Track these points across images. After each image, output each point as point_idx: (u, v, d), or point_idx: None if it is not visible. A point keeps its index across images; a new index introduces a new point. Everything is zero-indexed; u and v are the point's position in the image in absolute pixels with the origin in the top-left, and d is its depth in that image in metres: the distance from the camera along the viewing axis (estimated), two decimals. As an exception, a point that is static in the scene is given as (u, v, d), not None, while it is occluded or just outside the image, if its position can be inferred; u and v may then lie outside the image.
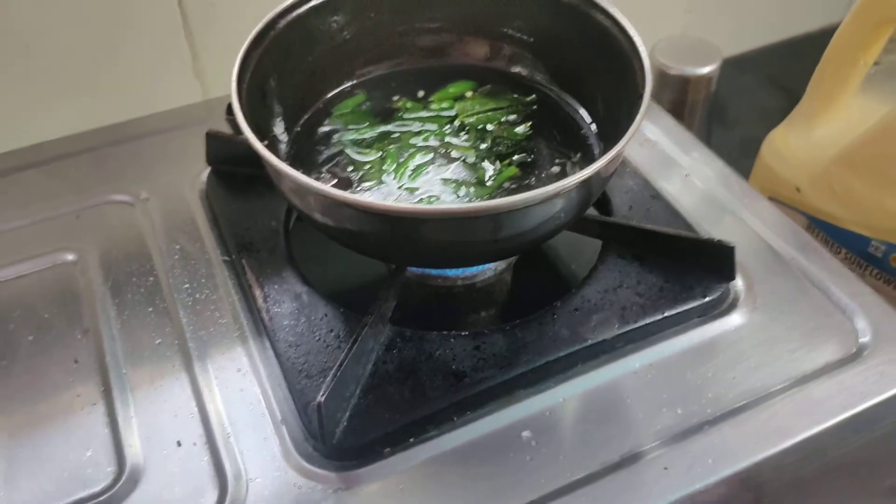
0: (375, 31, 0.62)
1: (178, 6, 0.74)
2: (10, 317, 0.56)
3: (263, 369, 0.52)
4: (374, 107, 0.62)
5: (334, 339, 0.52)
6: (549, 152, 0.59)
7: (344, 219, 0.47)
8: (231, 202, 0.63)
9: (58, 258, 0.60)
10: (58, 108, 0.74)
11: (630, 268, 0.55)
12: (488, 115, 0.62)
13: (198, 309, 0.56)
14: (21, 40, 0.69)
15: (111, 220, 0.63)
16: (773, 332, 0.53)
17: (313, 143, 0.59)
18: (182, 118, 0.74)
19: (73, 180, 0.67)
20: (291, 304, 0.54)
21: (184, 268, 0.59)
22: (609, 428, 0.48)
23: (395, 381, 0.49)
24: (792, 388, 0.50)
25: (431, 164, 0.57)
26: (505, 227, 0.46)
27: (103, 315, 0.56)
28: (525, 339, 0.51)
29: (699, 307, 0.53)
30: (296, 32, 0.57)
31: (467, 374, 0.49)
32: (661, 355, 0.52)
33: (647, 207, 0.60)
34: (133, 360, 0.53)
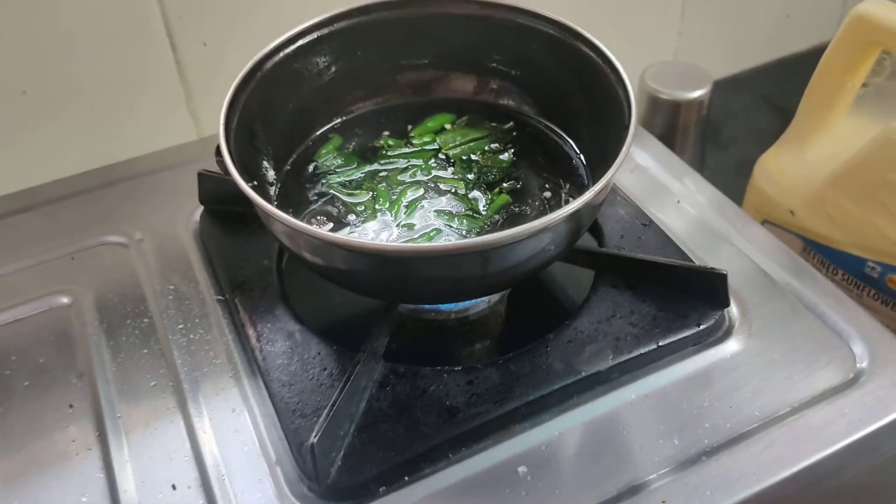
0: (362, 69, 0.62)
1: (171, 47, 0.75)
2: (6, 362, 0.56)
3: (257, 409, 0.52)
4: (357, 147, 0.62)
5: (327, 377, 0.52)
6: (537, 179, 0.59)
7: (334, 259, 0.47)
8: (224, 241, 0.63)
9: (53, 301, 0.61)
10: (52, 150, 0.74)
11: (623, 297, 0.55)
12: (470, 145, 0.62)
13: (192, 349, 0.56)
14: (18, 87, 0.70)
15: (106, 262, 0.64)
16: (769, 358, 0.53)
17: (303, 181, 0.60)
18: (176, 157, 0.74)
19: (67, 222, 0.67)
20: (284, 342, 0.54)
21: (178, 308, 0.59)
22: (606, 460, 0.48)
23: (388, 418, 0.49)
24: (790, 415, 0.50)
25: (423, 198, 0.57)
26: (495, 262, 0.46)
27: (98, 358, 0.56)
28: (518, 372, 0.51)
29: (694, 335, 0.53)
30: (283, 73, 0.58)
31: (461, 409, 0.49)
32: (656, 385, 0.52)
33: (639, 236, 0.60)
34: (128, 404, 0.53)
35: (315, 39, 0.59)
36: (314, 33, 0.59)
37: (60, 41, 0.70)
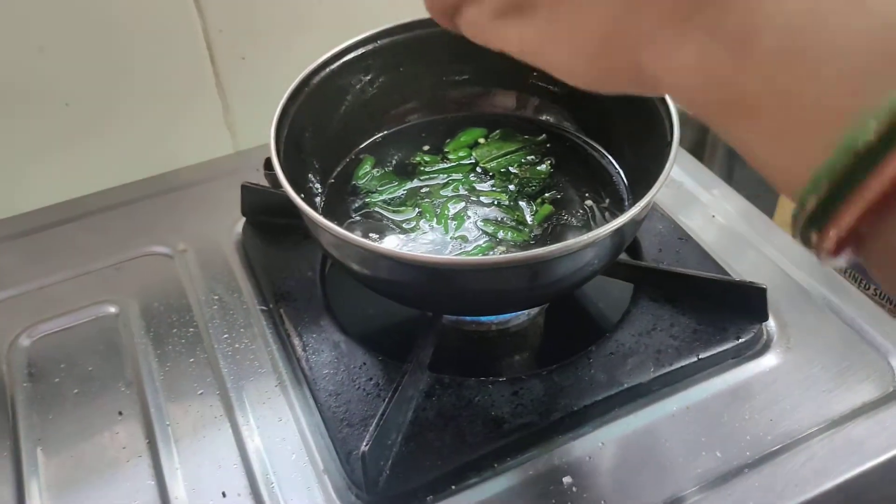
0: (405, 85, 0.64)
1: (210, 60, 0.77)
2: (56, 370, 0.58)
3: (304, 418, 0.53)
4: (394, 163, 0.63)
5: (374, 387, 0.53)
6: (577, 190, 0.60)
7: (384, 271, 0.48)
8: (267, 252, 0.64)
9: (100, 311, 0.62)
10: (95, 162, 0.76)
11: (663, 310, 0.56)
12: (507, 157, 0.63)
13: (238, 359, 0.58)
14: (61, 99, 0.72)
15: (151, 272, 0.65)
16: (807, 372, 0.53)
17: (347, 194, 0.61)
18: (215, 170, 0.76)
19: (112, 233, 0.69)
20: (330, 352, 0.55)
21: (223, 318, 0.61)
22: (649, 472, 0.48)
23: (435, 428, 0.50)
24: (829, 429, 0.50)
25: (467, 211, 0.58)
26: (541, 275, 0.47)
27: (146, 366, 0.58)
28: (562, 384, 0.52)
29: (733, 348, 0.54)
30: (329, 88, 0.59)
31: (506, 420, 0.50)
32: (697, 398, 0.52)
33: (676, 250, 0.61)
34: (176, 411, 0.54)
35: (360, 55, 0.60)
36: (359, 49, 0.60)
37: (102, 54, 0.72)
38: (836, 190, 0.21)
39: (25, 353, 0.59)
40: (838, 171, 0.21)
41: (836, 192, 0.21)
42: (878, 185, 0.20)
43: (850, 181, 0.21)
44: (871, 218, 0.21)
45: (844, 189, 0.21)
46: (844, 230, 0.22)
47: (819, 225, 0.22)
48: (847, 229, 0.21)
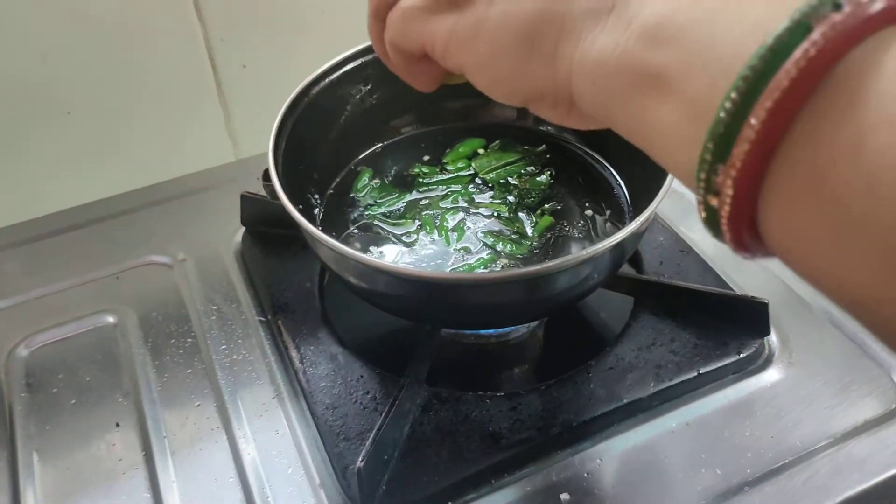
0: (404, 95, 0.62)
1: (212, 68, 0.77)
2: (53, 380, 0.57)
3: (301, 431, 0.53)
4: (392, 176, 0.63)
5: (371, 400, 0.52)
6: (578, 200, 0.60)
7: (383, 285, 0.48)
8: (266, 262, 0.64)
9: (98, 320, 0.62)
10: (96, 170, 0.76)
11: (663, 324, 0.55)
12: (506, 168, 0.63)
13: (235, 370, 0.57)
14: (62, 108, 0.72)
15: (150, 282, 0.65)
16: (810, 388, 0.53)
17: (346, 205, 0.60)
18: (215, 178, 0.76)
19: (112, 242, 0.68)
20: (328, 365, 0.55)
21: (221, 329, 0.60)
22: (648, 489, 0.48)
23: (432, 443, 0.49)
24: (832, 446, 0.50)
25: (467, 223, 0.58)
26: (541, 289, 0.47)
27: (143, 377, 0.57)
28: (561, 398, 0.51)
29: (734, 363, 0.53)
30: (328, 98, 0.59)
31: (504, 435, 0.49)
32: (697, 413, 0.52)
33: (677, 262, 0.60)
34: (173, 423, 0.54)
35: (359, 65, 0.60)
36: (359, 60, 0.60)
37: (104, 62, 0.72)
38: (726, 137, 0.22)
39: (23, 363, 0.59)
40: (717, 132, 0.22)
41: (726, 140, 0.22)
42: (778, 87, 0.21)
43: (735, 125, 0.22)
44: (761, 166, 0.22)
45: (732, 135, 0.22)
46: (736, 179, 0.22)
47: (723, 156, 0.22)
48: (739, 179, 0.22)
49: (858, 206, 0.20)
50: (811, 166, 0.21)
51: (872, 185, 0.19)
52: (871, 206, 0.20)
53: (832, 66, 0.21)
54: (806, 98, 0.21)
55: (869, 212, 0.20)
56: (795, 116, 0.21)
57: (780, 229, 0.23)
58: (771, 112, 0.21)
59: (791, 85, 0.21)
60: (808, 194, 0.21)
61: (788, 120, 0.21)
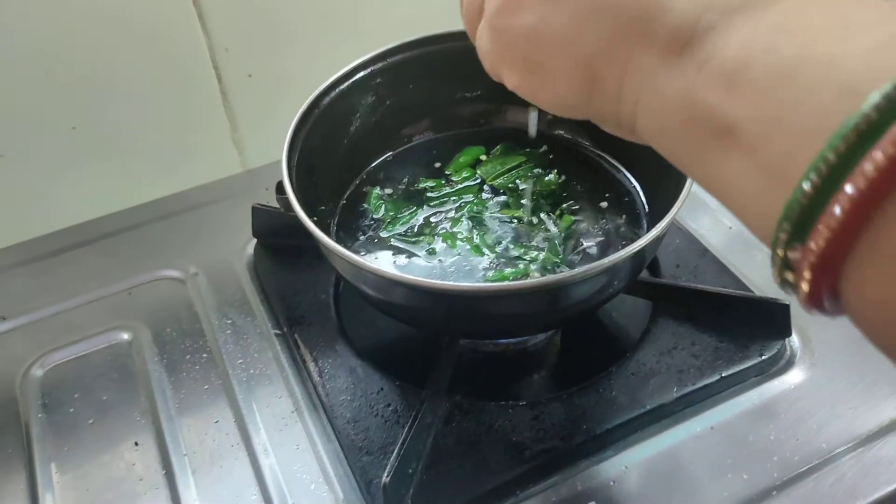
0: (414, 103, 0.63)
1: (217, 79, 0.76)
2: (70, 400, 0.57)
3: (321, 445, 0.53)
4: (404, 191, 0.62)
5: (392, 413, 0.52)
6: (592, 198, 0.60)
7: (401, 297, 0.47)
8: (279, 274, 0.64)
9: (113, 337, 0.61)
10: (104, 185, 0.75)
11: (683, 328, 0.55)
12: (513, 173, 0.62)
13: (252, 385, 0.57)
14: (68, 123, 0.71)
15: (163, 297, 0.64)
16: (833, 388, 0.53)
17: (359, 214, 0.60)
18: (223, 190, 0.75)
19: (123, 257, 0.68)
20: (346, 378, 0.54)
21: (236, 343, 0.60)
22: (675, 496, 0.48)
23: (456, 455, 0.49)
24: (857, 447, 0.49)
25: (487, 234, 0.57)
26: (561, 299, 0.46)
27: (160, 395, 0.57)
28: (583, 406, 0.51)
29: (756, 366, 0.53)
30: (339, 108, 0.58)
31: (528, 445, 0.49)
32: (721, 417, 0.52)
33: (694, 265, 0.60)
34: (192, 441, 0.54)
35: (368, 74, 0.59)
36: (368, 68, 0.59)
37: (108, 76, 0.71)
38: (804, 218, 0.20)
39: (39, 383, 0.59)
40: (806, 198, 0.20)
41: (804, 221, 0.20)
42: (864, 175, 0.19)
43: (816, 208, 0.20)
44: (842, 251, 0.20)
45: (811, 218, 0.20)
46: (815, 265, 0.21)
47: (801, 236, 0.21)
48: (817, 265, 0.21)
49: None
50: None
51: None
52: None
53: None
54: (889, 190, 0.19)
55: None
56: (883, 203, 0.19)
57: (862, 306, 0.21)
58: (854, 202, 0.19)
59: (878, 174, 0.19)
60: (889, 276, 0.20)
61: (875, 206, 0.19)
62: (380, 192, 0.61)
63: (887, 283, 0.20)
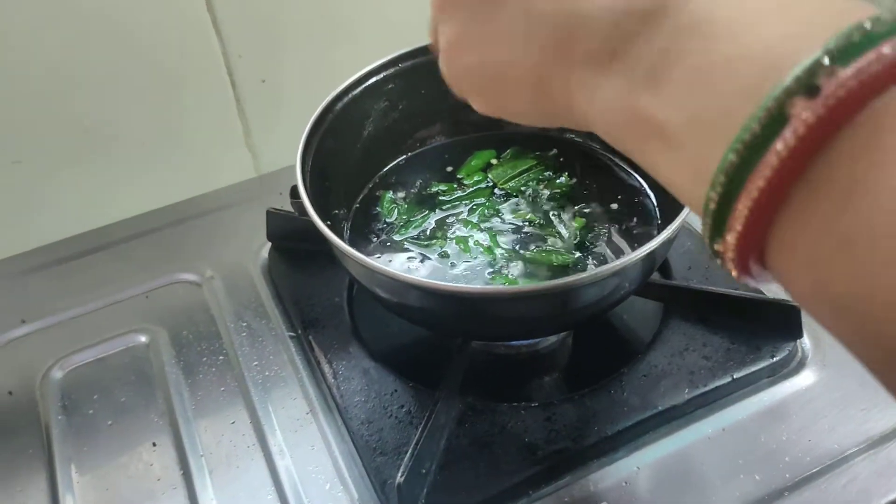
0: (427, 107, 0.63)
1: (231, 84, 0.77)
2: (89, 401, 0.58)
3: (336, 446, 0.53)
4: (416, 195, 0.63)
5: (406, 414, 0.52)
6: (603, 201, 0.60)
7: (415, 300, 0.48)
8: (293, 278, 0.64)
9: (130, 340, 0.62)
10: (120, 189, 0.76)
11: (694, 330, 0.55)
12: (524, 176, 0.63)
13: (268, 387, 0.58)
14: (81, 125, 0.72)
15: (179, 300, 0.65)
16: (845, 390, 0.53)
17: (372, 218, 0.61)
18: (238, 195, 0.76)
19: (140, 261, 0.69)
20: (361, 379, 0.55)
21: (252, 345, 0.61)
22: (687, 497, 0.48)
23: (469, 455, 0.50)
24: (870, 449, 0.49)
25: (500, 236, 0.58)
26: (573, 301, 0.47)
27: (177, 396, 0.58)
28: (595, 408, 0.51)
29: (768, 367, 0.53)
30: (352, 113, 0.59)
31: (540, 446, 0.50)
32: (733, 419, 0.52)
33: (705, 266, 0.60)
34: (209, 441, 0.55)
35: (381, 79, 0.60)
36: (381, 74, 0.60)
37: (123, 80, 0.72)
38: (727, 189, 0.22)
39: (59, 385, 0.60)
40: (728, 170, 0.22)
41: (728, 192, 0.22)
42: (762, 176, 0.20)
43: (739, 177, 0.21)
44: (763, 218, 0.22)
45: (734, 186, 0.21)
46: (741, 230, 0.22)
47: (720, 231, 0.23)
48: (743, 231, 0.22)
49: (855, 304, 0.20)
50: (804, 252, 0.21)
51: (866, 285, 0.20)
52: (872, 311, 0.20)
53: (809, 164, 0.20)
54: (784, 196, 0.21)
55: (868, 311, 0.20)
56: (781, 206, 0.21)
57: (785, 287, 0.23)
58: (756, 200, 0.21)
59: (771, 180, 0.20)
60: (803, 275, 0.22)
61: (774, 210, 0.21)
62: (392, 196, 0.62)
63: (797, 280, 0.22)
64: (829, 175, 0.20)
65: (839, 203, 0.20)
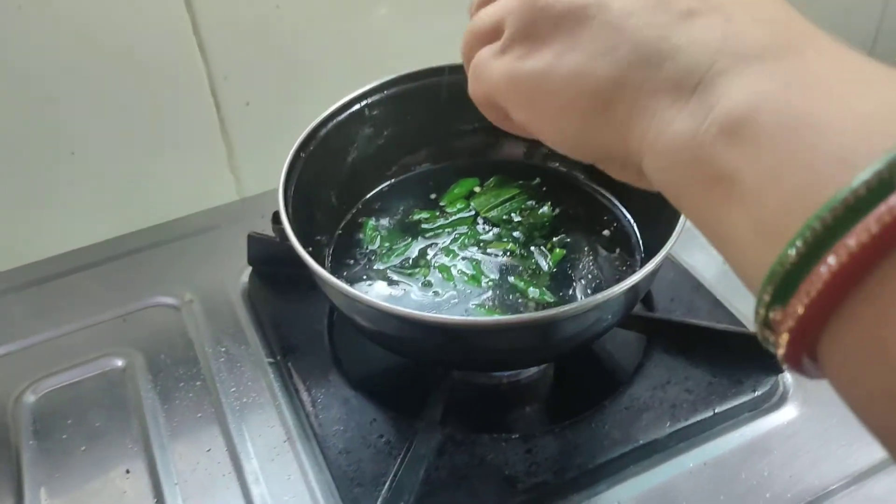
0: (412, 134, 0.63)
1: (215, 107, 0.77)
2: (63, 426, 0.57)
3: (313, 475, 0.52)
4: (398, 222, 0.62)
5: (384, 444, 0.52)
6: (585, 232, 0.60)
7: (395, 329, 0.48)
8: (273, 303, 0.64)
9: (106, 364, 0.61)
10: (101, 211, 0.75)
11: (677, 363, 0.55)
12: (507, 205, 0.63)
13: (245, 413, 0.57)
14: (68, 148, 0.72)
15: (157, 324, 0.64)
16: (826, 425, 0.53)
17: (354, 245, 0.60)
18: (220, 217, 0.76)
19: (118, 283, 0.68)
20: (340, 408, 0.54)
21: (230, 371, 0.60)
22: (667, 533, 0.47)
23: (448, 488, 0.49)
24: (851, 485, 0.49)
25: (482, 266, 0.57)
26: (555, 334, 0.47)
27: (153, 422, 0.57)
28: (576, 440, 0.51)
29: (750, 402, 0.53)
30: (336, 138, 0.59)
31: (520, 479, 0.49)
32: (714, 453, 0.52)
33: (688, 299, 0.60)
34: (184, 469, 0.53)
35: (366, 105, 0.60)
36: (366, 100, 0.60)
37: (107, 102, 0.72)
38: (811, 250, 0.20)
39: (31, 409, 0.58)
40: (789, 261, 0.20)
41: (787, 286, 0.21)
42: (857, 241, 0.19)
43: (799, 275, 0.20)
44: (820, 320, 0.20)
45: (821, 248, 0.20)
46: (793, 329, 0.21)
47: (783, 297, 0.21)
48: (795, 330, 0.21)
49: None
50: (874, 328, 0.20)
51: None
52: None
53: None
54: (875, 262, 0.19)
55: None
56: (864, 277, 0.20)
57: (837, 379, 0.22)
58: (835, 274, 0.19)
59: (860, 251, 0.19)
60: (868, 355, 0.20)
61: (855, 281, 0.20)
62: (375, 224, 0.62)
63: (857, 364, 0.20)
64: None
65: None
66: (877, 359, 0.20)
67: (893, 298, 0.19)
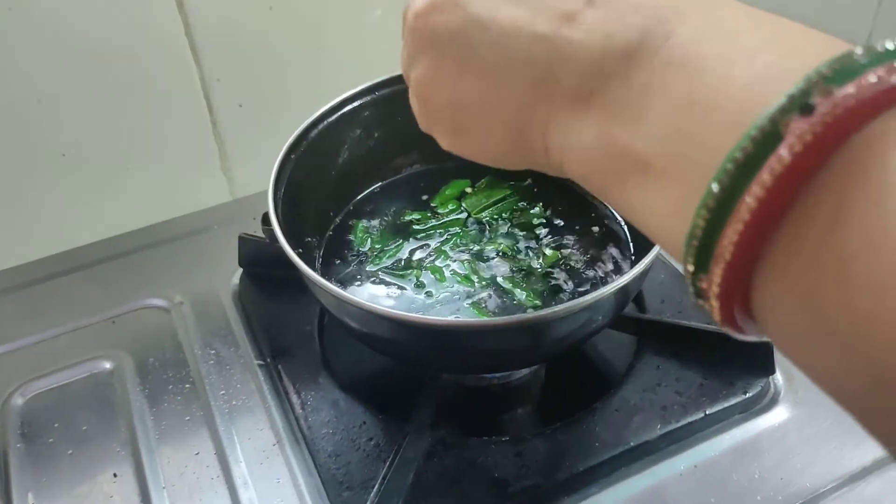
0: (403, 135, 0.63)
1: (207, 108, 0.76)
2: (50, 430, 0.56)
3: (302, 479, 0.52)
4: (389, 224, 0.62)
5: (374, 447, 0.51)
6: (578, 230, 0.60)
7: (385, 331, 0.47)
8: (264, 305, 0.63)
9: (95, 366, 0.61)
10: (92, 212, 0.75)
11: (668, 364, 0.55)
12: (498, 206, 0.62)
13: (234, 416, 0.56)
14: (57, 149, 0.71)
15: (147, 326, 0.64)
16: (817, 427, 0.52)
17: (345, 246, 0.60)
18: (211, 219, 0.75)
19: (108, 285, 0.68)
20: (329, 411, 0.54)
21: (219, 373, 0.59)
22: (658, 536, 0.47)
23: (437, 491, 0.49)
24: (842, 487, 0.49)
25: (475, 266, 0.57)
26: (545, 335, 0.46)
27: (141, 425, 0.56)
28: (566, 443, 0.51)
29: (740, 403, 0.53)
30: (327, 140, 0.59)
31: (510, 482, 0.49)
32: (705, 455, 0.51)
33: (679, 300, 0.60)
34: (172, 473, 0.53)
35: (357, 107, 0.60)
36: (357, 101, 0.60)
37: (99, 104, 0.71)
38: (716, 214, 0.21)
39: (18, 412, 0.58)
40: (718, 191, 0.21)
41: (716, 217, 0.21)
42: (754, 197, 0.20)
43: (730, 199, 0.20)
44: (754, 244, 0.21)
45: (724, 210, 0.20)
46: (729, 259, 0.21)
47: (705, 264, 0.21)
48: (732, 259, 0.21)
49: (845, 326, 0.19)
50: (796, 279, 0.20)
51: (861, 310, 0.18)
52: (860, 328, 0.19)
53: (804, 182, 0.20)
54: (777, 217, 0.20)
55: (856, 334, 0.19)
56: (772, 232, 0.20)
57: (770, 328, 0.22)
58: (741, 234, 0.20)
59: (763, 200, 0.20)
60: (795, 306, 0.20)
61: (763, 235, 0.20)
62: (366, 225, 0.61)
63: (787, 314, 0.21)
64: (823, 196, 0.19)
65: (833, 222, 0.19)
66: (802, 303, 0.20)
67: (805, 244, 0.20)
